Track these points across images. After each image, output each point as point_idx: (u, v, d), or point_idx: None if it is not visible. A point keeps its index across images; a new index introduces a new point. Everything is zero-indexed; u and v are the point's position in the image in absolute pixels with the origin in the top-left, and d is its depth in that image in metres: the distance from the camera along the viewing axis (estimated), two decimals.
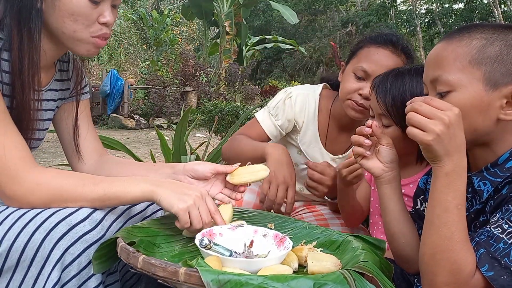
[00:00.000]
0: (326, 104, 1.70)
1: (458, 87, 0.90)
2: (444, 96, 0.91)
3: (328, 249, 1.04)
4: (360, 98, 1.47)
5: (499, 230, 0.85)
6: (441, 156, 0.86)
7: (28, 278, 0.93)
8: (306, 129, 1.69)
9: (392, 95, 1.25)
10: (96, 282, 0.97)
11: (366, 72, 1.47)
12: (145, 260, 0.83)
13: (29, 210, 0.96)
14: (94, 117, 10.59)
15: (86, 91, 1.37)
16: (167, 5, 18.88)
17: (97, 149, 1.34)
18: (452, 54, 0.91)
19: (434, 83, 0.93)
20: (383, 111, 1.26)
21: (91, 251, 0.95)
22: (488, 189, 0.92)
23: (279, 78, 17.18)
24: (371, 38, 1.53)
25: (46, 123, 1.25)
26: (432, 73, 0.94)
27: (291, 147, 1.73)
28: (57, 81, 1.26)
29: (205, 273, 0.76)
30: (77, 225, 0.94)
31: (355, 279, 0.81)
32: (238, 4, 12.56)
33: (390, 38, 1.50)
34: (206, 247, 0.88)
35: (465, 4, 15.83)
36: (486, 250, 0.84)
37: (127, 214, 1.08)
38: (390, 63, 1.46)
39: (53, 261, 0.92)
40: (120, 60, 16.27)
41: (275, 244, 1.01)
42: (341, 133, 1.70)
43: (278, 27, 19.78)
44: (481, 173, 0.94)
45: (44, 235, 0.92)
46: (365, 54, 1.50)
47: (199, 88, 10.86)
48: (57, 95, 1.27)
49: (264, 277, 0.77)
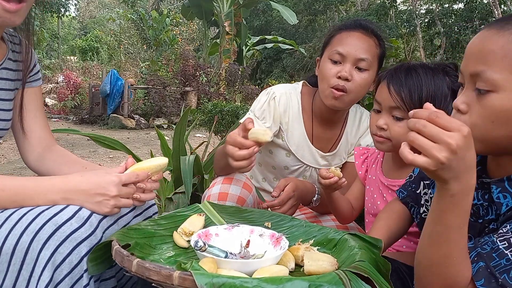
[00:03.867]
0: (308, 101, 1.70)
1: (501, 89, 0.80)
2: (483, 94, 0.82)
3: (325, 247, 1.04)
4: (339, 81, 1.50)
5: (505, 244, 0.80)
6: (447, 180, 0.77)
7: (20, 281, 0.92)
8: (292, 130, 1.68)
9: (409, 87, 1.23)
10: (89, 279, 0.96)
11: (341, 55, 1.51)
12: (139, 264, 0.83)
13: (15, 211, 0.96)
14: (94, 117, 10.58)
15: (38, 77, 1.35)
16: (167, 5, 18.88)
17: (44, 138, 1.33)
18: (501, 49, 0.80)
19: (474, 78, 0.84)
20: (397, 103, 1.23)
21: (81, 248, 0.95)
22: (509, 203, 0.85)
23: (279, 78, 17.15)
24: (341, 25, 1.59)
25: (8, 103, 1.23)
26: (474, 66, 0.83)
27: (277, 150, 1.71)
28: (11, 61, 1.24)
29: (199, 277, 0.76)
30: (64, 224, 0.94)
31: (350, 279, 0.81)
32: (238, 4, 12.55)
33: (359, 22, 1.56)
34: (201, 249, 0.88)
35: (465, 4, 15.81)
36: (486, 265, 0.81)
37: None
38: (363, 44, 1.50)
39: (43, 262, 0.91)
40: (120, 60, 16.29)
41: (271, 244, 1.01)
42: (325, 129, 1.70)
43: (278, 27, 19.76)
44: (502, 183, 0.87)
45: (31, 237, 0.91)
46: (338, 39, 1.55)
47: (199, 88, 10.85)
48: (14, 75, 1.25)
49: (259, 280, 0.76)
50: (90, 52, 20.64)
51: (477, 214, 0.93)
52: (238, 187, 1.46)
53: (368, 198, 1.45)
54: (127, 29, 17.96)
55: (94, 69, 14.45)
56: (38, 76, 1.36)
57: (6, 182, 1.00)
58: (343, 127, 1.72)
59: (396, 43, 15.47)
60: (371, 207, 1.43)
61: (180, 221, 1.11)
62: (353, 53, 1.49)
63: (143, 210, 1.17)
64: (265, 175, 1.80)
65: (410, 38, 17.73)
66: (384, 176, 1.39)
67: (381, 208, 1.36)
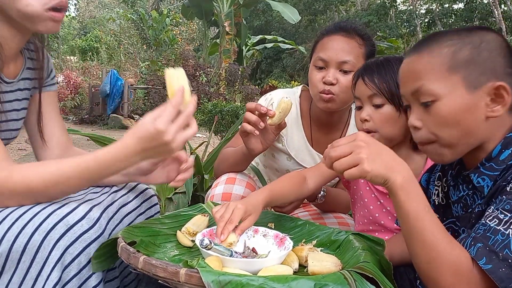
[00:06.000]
0: (306, 106, 1.72)
1: (442, 96, 0.91)
2: (429, 106, 0.92)
3: (329, 248, 1.04)
4: (325, 86, 1.51)
5: (496, 222, 0.84)
6: (385, 174, 0.88)
7: (27, 280, 0.92)
8: (292, 134, 1.69)
9: (380, 74, 1.25)
10: (96, 281, 0.97)
11: (323, 60, 1.52)
12: (145, 261, 0.83)
13: (27, 210, 0.96)
14: (94, 117, 10.58)
15: (54, 82, 1.35)
16: (166, 5, 18.88)
17: (62, 141, 1.32)
18: (427, 65, 0.93)
19: (416, 95, 0.95)
20: (373, 90, 1.25)
21: (90, 250, 0.95)
22: (488, 183, 0.92)
23: (279, 78, 17.16)
24: (323, 31, 1.60)
25: (21, 112, 1.23)
26: (412, 85, 0.95)
27: (279, 154, 1.73)
28: (29, 70, 1.24)
29: (206, 274, 0.76)
30: (75, 225, 0.94)
31: (355, 279, 0.81)
32: (238, 4, 12.54)
33: (339, 25, 1.57)
34: (206, 248, 0.88)
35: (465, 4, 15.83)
36: (484, 244, 0.84)
37: (122, 212, 1.08)
38: (344, 46, 1.52)
39: (53, 262, 0.92)
40: (120, 60, 16.29)
41: (275, 244, 1.01)
42: (324, 132, 1.71)
43: (278, 27, 19.78)
44: (478, 169, 0.95)
45: (43, 236, 0.92)
46: (320, 45, 1.56)
47: (199, 88, 10.84)
48: (31, 84, 1.25)
49: (265, 278, 0.77)
50: (90, 52, 20.64)
51: (466, 205, 0.99)
52: (241, 186, 1.47)
53: (357, 199, 1.42)
54: (127, 29, 17.94)
55: (94, 69, 14.42)
56: (54, 81, 1.35)
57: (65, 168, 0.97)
58: (345, 130, 1.73)
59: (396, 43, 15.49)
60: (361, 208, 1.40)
61: (183, 221, 1.11)
62: (334, 57, 1.51)
63: (146, 209, 1.18)
64: (270, 177, 1.82)
65: (410, 38, 17.74)
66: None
67: (374, 213, 1.35)
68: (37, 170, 0.97)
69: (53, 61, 1.36)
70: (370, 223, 1.37)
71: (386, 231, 1.35)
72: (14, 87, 1.17)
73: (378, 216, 1.35)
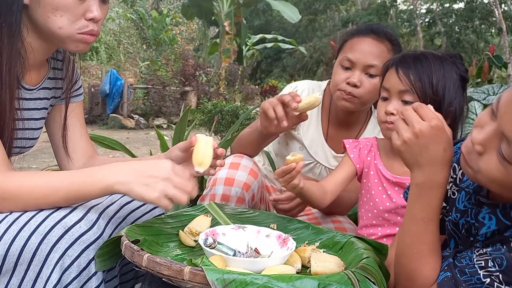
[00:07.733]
0: (328, 101, 1.74)
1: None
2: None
3: (331, 250, 1.04)
4: (348, 87, 1.52)
5: (481, 264, 0.80)
6: (411, 165, 0.89)
7: (26, 282, 0.92)
8: (309, 124, 1.71)
9: (417, 70, 1.22)
10: (97, 282, 0.96)
11: (351, 61, 1.52)
12: (150, 259, 0.83)
13: (23, 213, 0.95)
14: (94, 117, 10.57)
15: (80, 92, 1.33)
16: (166, 4, 18.85)
17: (87, 152, 1.31)
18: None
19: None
20: (407, 86, 1.21)
21: (90, 251, 0.94)
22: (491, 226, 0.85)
23: (279, 78, 17.14)
24: (353, 30, 1.60)
25: (39, 122, 1.21)
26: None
27: (293, 142, 1.75)
28: (50, 80, 1.22)
29: (210, 272, 0.76)
30: (73, 227, 0.93)
31: (359, 280, 0.81)
32: (238, 4, 12.55)
33: (370, 27, 1.56)
34: (210, 246, 0.88)
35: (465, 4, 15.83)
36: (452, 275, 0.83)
37: (122, 212, 1.07)
38: (373, 50, 1.51)
39: (51, 265, 0.91)
40: (120, 60, 16.26)
41: (278, 245, 1.01)
42: (340, 129, 1.72)
43: (278, 27, 19.76)
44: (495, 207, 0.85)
45: (40, 239, 0.91)
46: (349, 45, 1.56)
47: (198, 88, 10.84)
48: (51, 94, 1.23)
49: (269, 277, 0.76)
50: (89, 51, 20.58)
51: (469, 231, 0.94)
52: (245, 173, 1.48)
53: (364, 192, 1.42)
54: (127, 29, 17.91)
55: (94, 69, 14.41)
56: (80, 91, 1.33)
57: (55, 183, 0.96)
58: (361, 131, 1.73)
59: None
60: (366, 202, 1.40)
61: (186, 220, 1.11)
62: (362, 60, 1.50)
63: (149, 210, 1.17)
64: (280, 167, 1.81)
65: (411, 38, 17.74)
66: (389, 172, 1.36)
67: (379, 206, 1.34)
68: (31, 179, 0.96)
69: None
70: (374, 217, 1.38)
71: (389, 225, 1.35)
72: (34, 95, 1.15)
73: (382, 209, 1.35)
